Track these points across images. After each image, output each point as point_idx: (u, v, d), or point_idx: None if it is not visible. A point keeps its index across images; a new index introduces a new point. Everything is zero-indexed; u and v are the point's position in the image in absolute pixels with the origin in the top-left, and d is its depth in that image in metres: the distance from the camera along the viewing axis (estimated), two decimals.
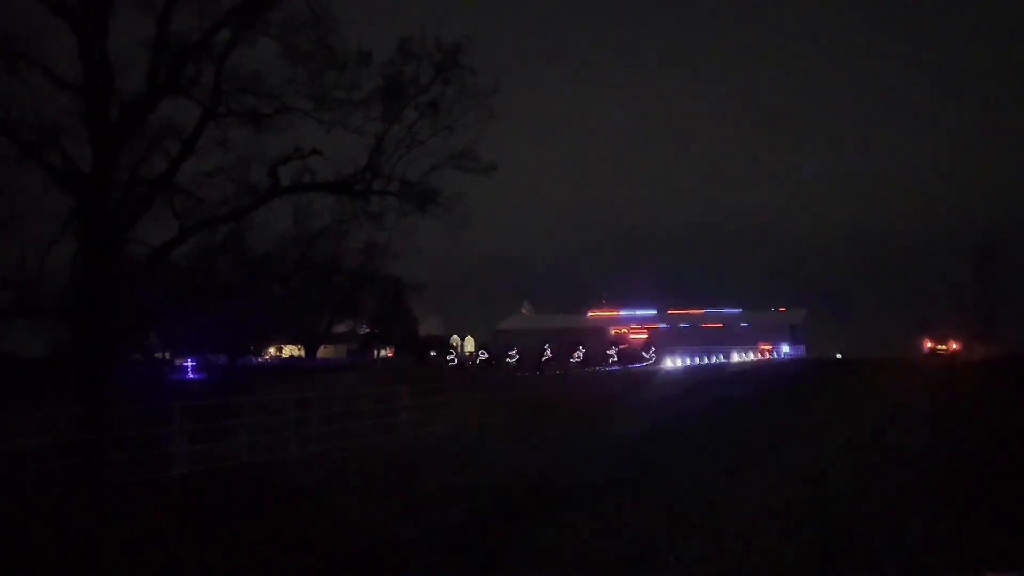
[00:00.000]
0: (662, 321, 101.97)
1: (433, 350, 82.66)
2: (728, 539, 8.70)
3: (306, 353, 70.98)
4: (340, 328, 70.30)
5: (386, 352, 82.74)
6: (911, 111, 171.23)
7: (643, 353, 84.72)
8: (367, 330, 75.70)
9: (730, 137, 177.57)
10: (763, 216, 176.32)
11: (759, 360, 77.82)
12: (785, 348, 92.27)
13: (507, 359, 78.74)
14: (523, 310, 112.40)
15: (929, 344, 77.10)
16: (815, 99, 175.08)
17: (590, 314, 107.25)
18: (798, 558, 7.81)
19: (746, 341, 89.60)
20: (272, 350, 75.01)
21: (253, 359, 63.23)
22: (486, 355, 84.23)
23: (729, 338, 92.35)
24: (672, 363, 70.67)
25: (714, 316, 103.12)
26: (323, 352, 76.36)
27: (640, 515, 9.99)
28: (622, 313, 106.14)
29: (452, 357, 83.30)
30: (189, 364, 48.50)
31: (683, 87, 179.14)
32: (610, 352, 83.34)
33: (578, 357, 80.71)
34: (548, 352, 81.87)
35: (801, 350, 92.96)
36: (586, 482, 12.27)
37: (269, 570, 8.11)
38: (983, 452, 14.45)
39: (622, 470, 13.48)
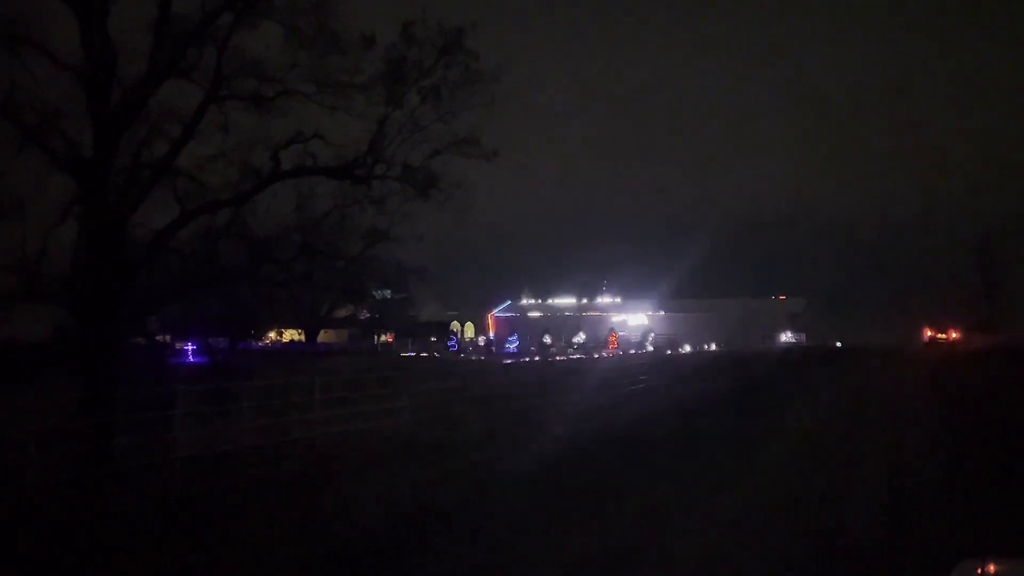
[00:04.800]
0: (662, 309, 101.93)
1: (433, 335, 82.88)
2: None
3: (307, 338, 71.06)
4: (341, 313, 70.27)
5: (387, 337, 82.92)
6: (911, 101, 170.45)
7: (643, 340, 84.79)
8: (368, 315, 75.71)
9: (731, 125, 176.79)
10: (763, 205, 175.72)
11: (760, 348, 77.89)
12: (784, 337, 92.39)
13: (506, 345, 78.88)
14: (523, 296, 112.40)
15: (929, 333, 77.18)
16: (814, 91, 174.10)
17: (590, 301, 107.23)
18: None
19: (747, 330, 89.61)
20: (273, 334, 75.12)
21: (254, 343, 63.36)
22: (484, 341, 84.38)
23: (729, 326, 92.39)
24: (671, 351, 70.80)
25: (714, 304, 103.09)
26: (324, 337, 76.50)
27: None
28: (622, 300, 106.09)
29: (452, 343, 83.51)
30: (190, 348, 48.64)
31: (687, 75, 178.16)
32: (610, 339, 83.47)
33: (577, 344, 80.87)
34: (548, 338, 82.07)
35: (802, 338, 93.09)
36: None
37: (270, 553, 8.18)
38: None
39: None
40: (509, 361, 52.35)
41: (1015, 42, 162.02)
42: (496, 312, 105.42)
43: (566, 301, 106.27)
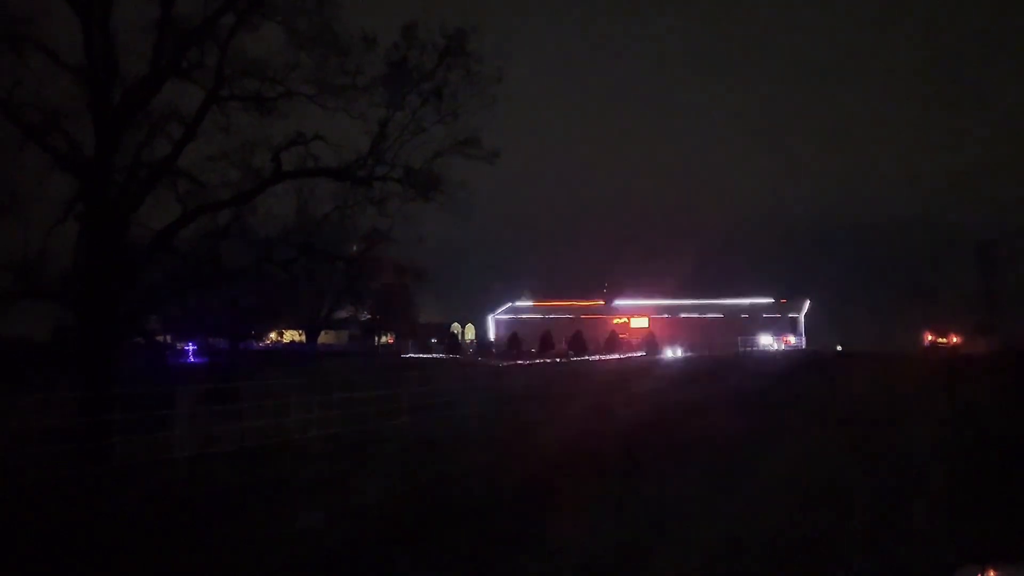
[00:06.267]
0: (663, 311, 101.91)
1: (434, 337, 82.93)
2: None
3: (307, 339, 71.01)
4: (342, 314, 70.29)
5: (387, 338, 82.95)
6: (912, 105, 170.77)
7: (643, 343, 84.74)
8: (368, 316, 75.74)
9: (732, 127, 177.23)
10: (765, 208, 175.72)
11: (759, 350, 77.85)
12: (791, 339, 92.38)
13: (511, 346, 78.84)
14: (523, 298, 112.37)
15: (930, 338, 77.06)
16: (815, 91, 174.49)
17: (590, 303, 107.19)
18: None
19: (746, 332, 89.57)
20: (273, 335, 75.11)
21: (254, 344, 63.34)
22: (483, 342, 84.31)
23: (729, 329, 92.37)
24: (672, 353, 70.75)
25: (715, 307, 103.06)
26: (324, 338, 76.45)
27: None
28: (623, 303, 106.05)
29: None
30: (190, 348, 48.71)
31: (686, 76, 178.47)
32: (610, 341, 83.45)
33: (577, 345, 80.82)
34: (548, 340, 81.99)
35: (802, 342, 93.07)
36: None
37: (270, 553, 8.17)
38: None
39: None
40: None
41: (1016, 42, 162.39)
42: (496, 314, 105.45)
43: (567, 303, 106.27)
